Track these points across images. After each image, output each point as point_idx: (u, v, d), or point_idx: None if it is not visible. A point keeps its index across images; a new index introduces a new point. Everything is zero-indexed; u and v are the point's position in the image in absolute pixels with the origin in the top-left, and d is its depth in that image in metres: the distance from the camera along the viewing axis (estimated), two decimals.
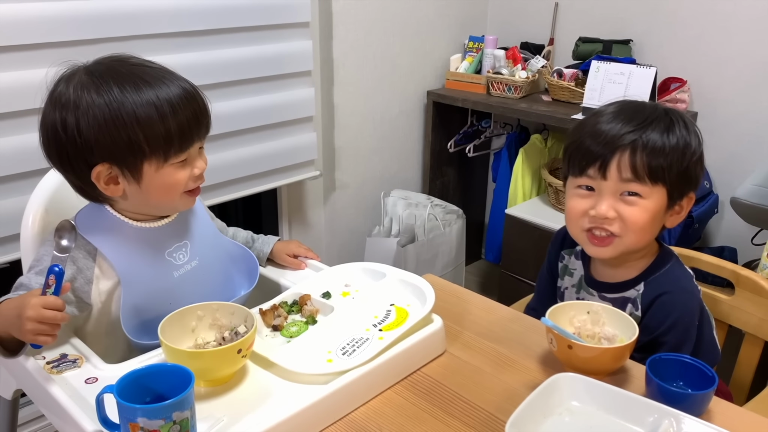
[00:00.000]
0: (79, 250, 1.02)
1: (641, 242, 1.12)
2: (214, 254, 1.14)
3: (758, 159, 2.10)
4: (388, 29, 2.44)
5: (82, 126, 0.94)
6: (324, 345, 1.00)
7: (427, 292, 1.09)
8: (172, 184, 1.01)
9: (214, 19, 1.84)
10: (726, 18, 2.17)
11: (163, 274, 1.06)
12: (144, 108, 0.95)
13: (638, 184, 1.07)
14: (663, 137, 1.07)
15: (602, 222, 1.10)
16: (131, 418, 0.76)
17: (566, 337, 0.97)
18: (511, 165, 2.60)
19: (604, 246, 1.12)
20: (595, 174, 1.09)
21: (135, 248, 1.05)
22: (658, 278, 1.14)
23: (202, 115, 1.01)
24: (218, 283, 1.14)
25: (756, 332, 1.28)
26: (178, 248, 1.08)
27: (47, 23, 1.54)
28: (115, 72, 0.97)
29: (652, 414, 0.86)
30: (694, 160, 1.09)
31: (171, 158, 0.99)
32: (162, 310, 0.99)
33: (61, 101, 0.96)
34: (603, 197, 1.09)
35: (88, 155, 0.96)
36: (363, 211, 2.62)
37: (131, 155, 0.97)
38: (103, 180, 0.99)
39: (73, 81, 0.97)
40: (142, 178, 0.99)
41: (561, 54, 2.59)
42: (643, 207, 1.08)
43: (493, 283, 2.80)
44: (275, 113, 2.07)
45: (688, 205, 1.14)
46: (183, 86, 1.00)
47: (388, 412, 0.94)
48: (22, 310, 0.88)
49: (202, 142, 1.04)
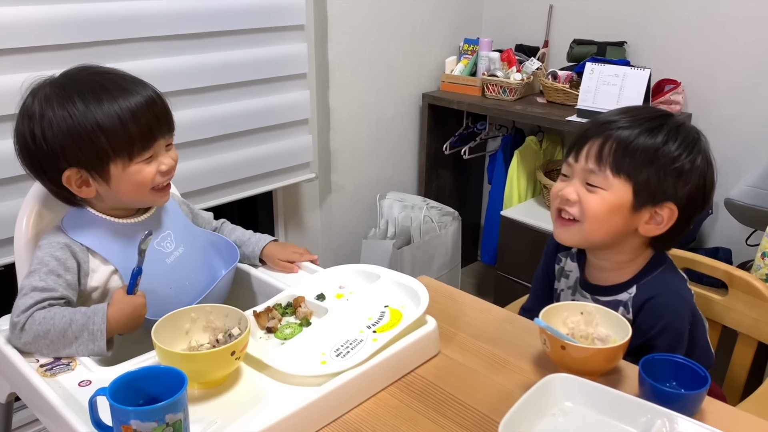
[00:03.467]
0: (75, 246, 1.07)
1: (598, 234, 1.12)
2: (193, 241, 1.20)
3: (752, 160, 2.11)
4: (384, 32, 2.44)
5: (48, 136, 1.02)
6: (318, 347, 1.00)
7: (421, 294, 1.09)
8: (140, 180, 1.06)
9: (209, 22, 1.84)
10: (720, 20, 2.18)
11: (157, 261, 1.11)
12: (105, 116, 1.01)
13: (600, 174, 1.09)
14: (642, 136, 1.08)
15: (566, 203, 1.13)
16: (124, 421, 0.76)
17: (559, 338, 0.97)
18: (506, 167, 2.60)
19: (566, 227, 1.14)
20: (572, 159, 1.13)
21: (124, 242, 1.10)
22: (650, 281, 1.14)
23: (162, 117, 1.07)
24: (203, 265, 1.20)
25: (749, 332, 1.28)
26: (163, 238, 1.15)
27: (41, 27, 1.53)
28: (78, 83, 1.04)
29: (645, 414, 0.86)
30: (671, 168, 1.07)
31: (135, 157, 1.05)
32: (163, 294, 1.09)
33: (29, 114, 1.03)
34: (571, 181, 1.13)
35: (57, 162, 1.03)
36: (359, 214, 2.62)
37: (97, 159, 1.03)
38: (75, 183, 1.05)
39: (38, 94, 1.04)
40: (110, 178, 1.05)
41: (555, 56, 2.60)
42: (602, 197, 1.09)
43: (489, 284, 2.80)
44: (271, 116, 2.07)
45: (670, 218, 1.09)
46: (143, 92, 1.05)
47: (382, 414, 0.94)
48: (139, 310, 1.03)
49: (167, 139, 1.09)
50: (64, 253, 1.05)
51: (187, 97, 1.85)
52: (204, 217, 1.33)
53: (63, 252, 1.05)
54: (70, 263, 1.05)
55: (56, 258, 1.04)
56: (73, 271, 1.05)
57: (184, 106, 1.84)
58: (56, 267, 1.04)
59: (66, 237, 1.07)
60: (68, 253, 1.06)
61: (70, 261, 1.05)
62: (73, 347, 0.99)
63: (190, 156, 1.89)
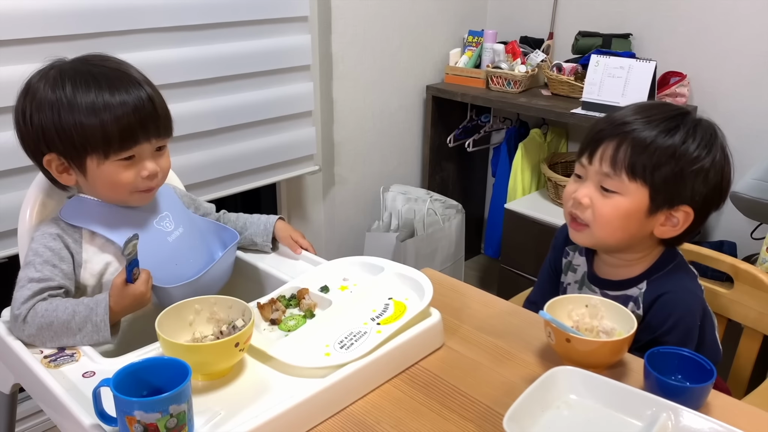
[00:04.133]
0: (68, 237, 1.08)
1: (611, 238, 1.11)
2: (191, 224, 1.20)
3: (758, 153, 2.09)
4: (388, 23, 2.43)
5: (34, 117, 1.03)
6: (322, 339, 0.99)
7: (425, 286, 1.08)
8: (116, 182, 1.06)
9: (213, 14, 1.83)
10: (726, 12, 2.16)
11: (160, 240, 1.13)
12: (86, 110, 1.01)
13: (615, 179, 1.06)
14: (658, 135, 1.05)
15: (578, 207, 1.11)
16: (128, 412, 0.76)
17: (564, 331, 0.97)
18: (510, 159, 2.59)
19: (579, 231, 1.14)
20: (585, 160, 1.11)
21: (125, 222, 1.11)
22: (661, 277, 1.13)
23: (150, 120, 1.05)
24: (203, 245, 1.20)
25: (755, 326, 1.27)
26: (162, 219, 1.15)
27: (47, 18, 1.53)
28: (77, 71, 1.04)
29: (650, 407, 0.86)
30: (690, 170, 1.04)
31: (111, 156, 1.03)
32: (170, 272, 1.09)
33: (27, 89, 1.05)
34: (584, 183, 1.11)
35: (39, 144, 1.05)
36: (362, 206, 2.62)
37: (74, 150, 1.03)
38: (56, 169, 1.06)
39: (41, 73, 1.05)
40: (86, 171, 1.05)
41: (560, 48, 2.58)
42: (616, 203, 1.07)
43: (493, 277, 2.80)
44: (274, 108, 2.06)
45: (685, 220, 1.08)
46: (134, 92, 1.04)
47: (386, 406, 0.94)
48: (139, 299, 1.03)
49: (154, 144, 1.07)
50: (57, 244, 1.06)
51: (190, 89, 1.84)
52: (206, 207, 1.33)
53: (56, 242, 1.06)
54: (64, 253, 1.06)
55: (50, 248, 1.05)
56: (68, 261, 1.06)
57: (187, 98, 1.84)
58: (51, 257, 1.04)
59: (58, 228, 1.07)
60: (61, 244, 1.06)
61: (64, 251, 1.06)
62: (77, 338, 0.99)
63: (194, 148, 1.89)
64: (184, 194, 1.29)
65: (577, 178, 1.14)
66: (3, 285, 1.03)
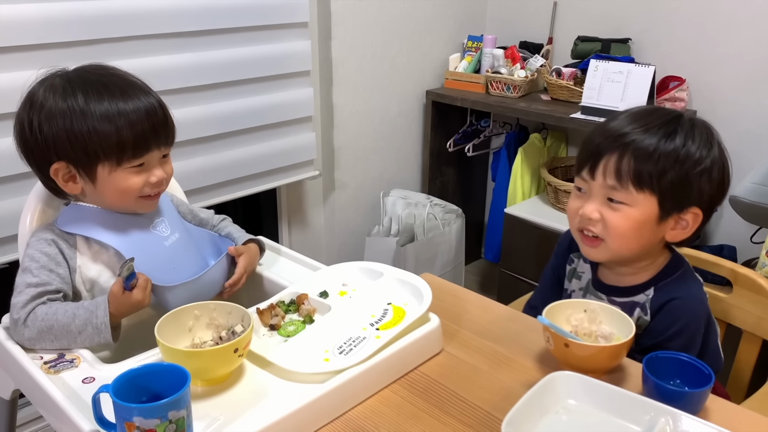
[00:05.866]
0: (62, 242, 1.08)
1: (626, 250, 1.10)
2: (185, 231, 1.20)
3: (757, 157, 2.10)
4: (387, 29, 2.44)
5: (44, 128, 1.02)
6: (321, 344, 1.00)
7: (424, 291, 1.09)
8: (125, 188, 1.06)
9: (213, 20, 1.84)
10: (725, 16, 2.17)
11: (157, 244, 1.13)
12: (101, 117, 1.01)
13: (622, 191, 1.06)
14: (659, 142, 1.04)
15: (588, 223, 1.10)
16: (127, 418, 0.76)
17: (563, 336, 0.97)
18: (510, 164, 2.60)
19: (593, 247, 1.12)
20: (587, 175, 1.10)
21: (122, 227, 1.11)
22: (669, 284, 1.13)
23: (160, 128, 1.07)
24: (199, 250, 1.21)
25: (754, 330, 1.27)
26: (158, 224, 1.15)
27: (47, 24, 1.54)
28: (85, 80, 1.04)
29: (648, 412, 0.86)
30: (695, 171, 1.04)
31: (124, 163, 1.05)
32: (168, 275, 1.09)
33: (32, 100, 1.04)
34: (590, 198, 1.10)
35: (48, 153, 1.04)
36: (362, 211, 2.62)
37: (86, 158, 1.03)
38: (62, 177, 1.06)
39: (45, 84, 1.05)
40: (96, 179, 1.05)
41: (560, 53, 2.59)
42: (627, 214, 1.07)
43: (493, 282, 2.80)
44: (274, 113, 2.07)
45: (695, 221, 1.08)
46: (145, 99, 1.05)
47: (385, 411, 0.94)
48: (137, 307, 1.03)
49: (162, 151, 1.09)
50: (52, 249, 1.06)
51: (190, 95, 1.85)
52: (204, 217, 1.31)
53: (51, 248, 1.06)
54: (59, 258, 1.06)
55: (45, 254, 1.05)
56: (64, 266, 1.06)
57: (187, 104, 1.84)
58: (47, 262, 1.05)
59: (52, 234, 1.08)
60: (56, 249, 1.07)
61: (60, 256, 1.06)
62: (78, 341, 1.00)
63: (194, 154, 1.90)
64: (182, 203, 1.29)
65: (579, 193, 1.13)
66: (4, 291, 1.03)
